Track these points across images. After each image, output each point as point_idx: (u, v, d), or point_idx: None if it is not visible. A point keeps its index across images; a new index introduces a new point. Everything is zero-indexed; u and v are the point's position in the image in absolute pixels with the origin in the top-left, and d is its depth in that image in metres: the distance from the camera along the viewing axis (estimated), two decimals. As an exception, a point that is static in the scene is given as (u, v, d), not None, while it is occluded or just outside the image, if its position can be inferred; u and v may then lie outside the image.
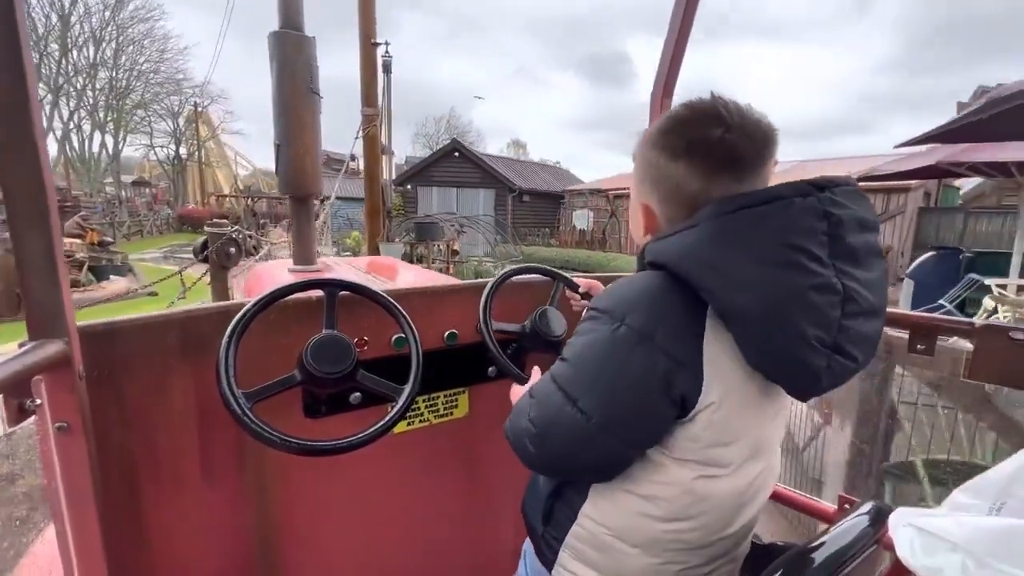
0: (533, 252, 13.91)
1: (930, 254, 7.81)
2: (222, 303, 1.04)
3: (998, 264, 7.00)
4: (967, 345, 1.08)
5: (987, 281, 6.06)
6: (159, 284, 5.80)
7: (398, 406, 0.94)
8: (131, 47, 30.86)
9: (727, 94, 0.67)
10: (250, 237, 8.20)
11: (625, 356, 0.61)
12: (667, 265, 0.63)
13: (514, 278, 1.24)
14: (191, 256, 5.44)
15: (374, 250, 7.27)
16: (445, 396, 1.29)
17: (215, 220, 5.26)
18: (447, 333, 1.23)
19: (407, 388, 0.97)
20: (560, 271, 1.30)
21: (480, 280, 1.28)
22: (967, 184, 14.79)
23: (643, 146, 0.72)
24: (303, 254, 1.86)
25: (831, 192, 0.61)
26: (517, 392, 0.98)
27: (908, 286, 7.54)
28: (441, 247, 9.54)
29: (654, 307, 0.62)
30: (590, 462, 0.67)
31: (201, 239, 4.78)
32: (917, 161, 7.28)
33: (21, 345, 0.69)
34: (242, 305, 0.90)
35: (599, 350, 0.64)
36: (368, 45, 7.22)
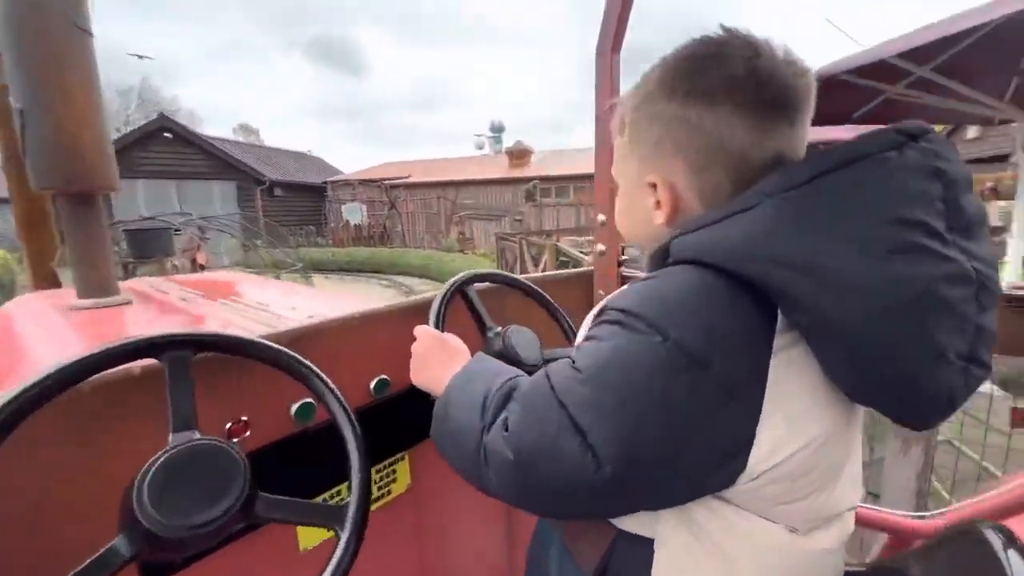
0: (304, 255, 11.50)
1: None
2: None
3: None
4: None
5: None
6: None
7: (345, 534, 0.59)
8: None
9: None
10: None
11: (668, 384, 0.43)
12: (721, 264, 0.45)
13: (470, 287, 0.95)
14: None
15: (45, 280, 4.20)
16: (377, 472, 0.94)
17: None
18: (375, 382, 0.89)
19: (353, 494, 0.61)
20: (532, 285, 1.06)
21: (419, 298, 0.97)
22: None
23: (649, 101, 0.54)
24: (94, 279, 1.31)
25: (929, 142, 0.44)
26: (434, 346, 0.72)
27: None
28: (178, 263, 6.60)
29: (711, 321, 0.44)
30: (588, 511, 0.52)
31: None
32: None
33: None
34: None
35: (631, 369, 0.44)
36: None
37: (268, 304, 1.37)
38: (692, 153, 0.52)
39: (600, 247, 1.27)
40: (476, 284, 0.97)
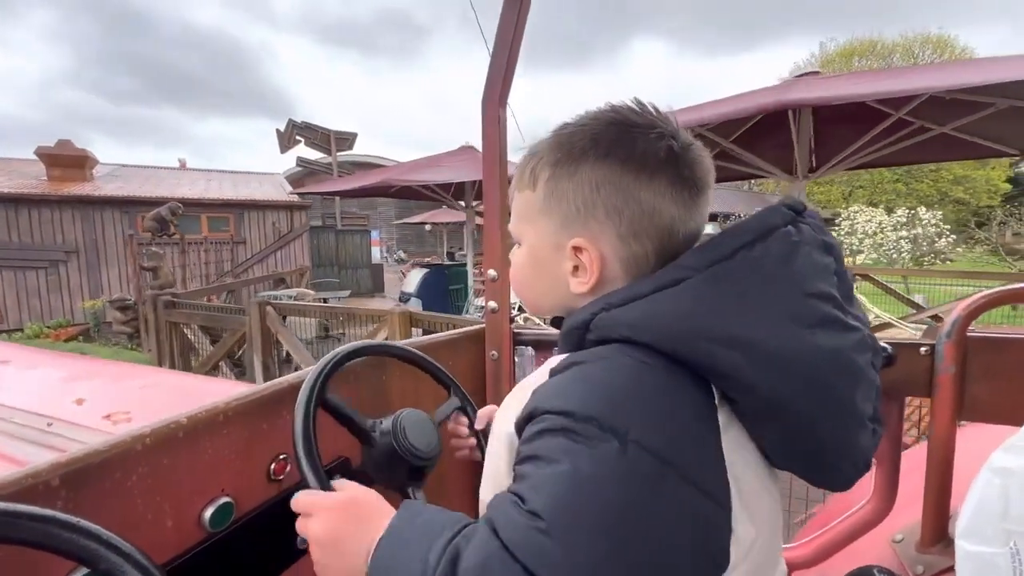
0: None
1: (425, 271, 8.13)
2: None
3: (462, 273, 8.24)
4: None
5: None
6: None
7: None
8: None
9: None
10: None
11: (646, 505, 0.36)
12: (656, 344, 0.42)
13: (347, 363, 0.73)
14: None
15: None
16: None
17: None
18: (211, 511, 0.62)
19: None
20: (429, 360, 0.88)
21: (267, 385, 0.74)
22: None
23: (574, 160, 0.51)
24: None
25: (812, 217, 0.50)
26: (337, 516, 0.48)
27: (417, 304, 7.51)
28: None
29: (663, 409, 0.40)
30: None
31: None
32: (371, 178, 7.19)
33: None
34: None
35: (600, 498, 0.36)
36: None
37: (31, 401, 1.09)
38: (624, 221, 0.49)
39: (492, 304, 1.12)
40: (339, 369, 0.71)
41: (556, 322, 0.57)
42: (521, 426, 0.44)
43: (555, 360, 0.49)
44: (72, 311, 9.31)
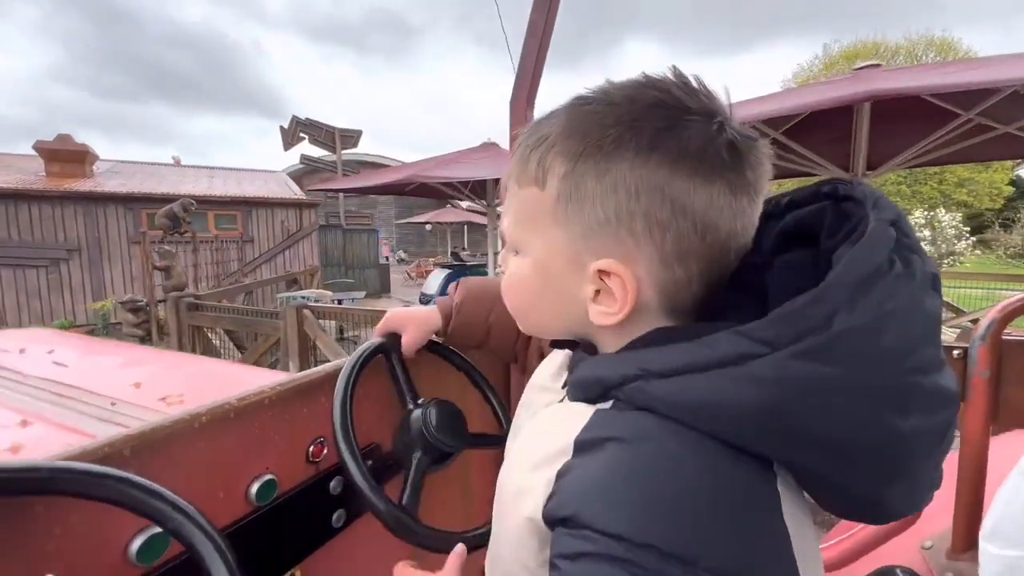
0: None
1: (447, 272, 7.90)
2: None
3: (482, 273, 8.00)
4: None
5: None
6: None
7: None
8: None
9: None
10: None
11: None
12: (722, 436, 0.34)
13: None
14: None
15: None
16: None
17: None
18: (257, 486, 0.68)
19: None
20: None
21: (317, 371, 0.80)
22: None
23: (605, 154, 0.38)
24: None
25: (909, 230, 0.37)
26: None
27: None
28: None
29: (734, 518, 0.33)
30: None
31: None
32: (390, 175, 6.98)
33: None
34: None
35: None
36: None
37: (94, 383, 1.21)
38: (670, 239, 0.38)
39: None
40: (373, 359, 0.80)
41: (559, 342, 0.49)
42: (551, 520, 0.36)
43: (576, 419, 0.39)
44: (74, 311, 8.96)
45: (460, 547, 0.61)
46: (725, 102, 0.39)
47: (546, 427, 0.44)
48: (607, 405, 0.39)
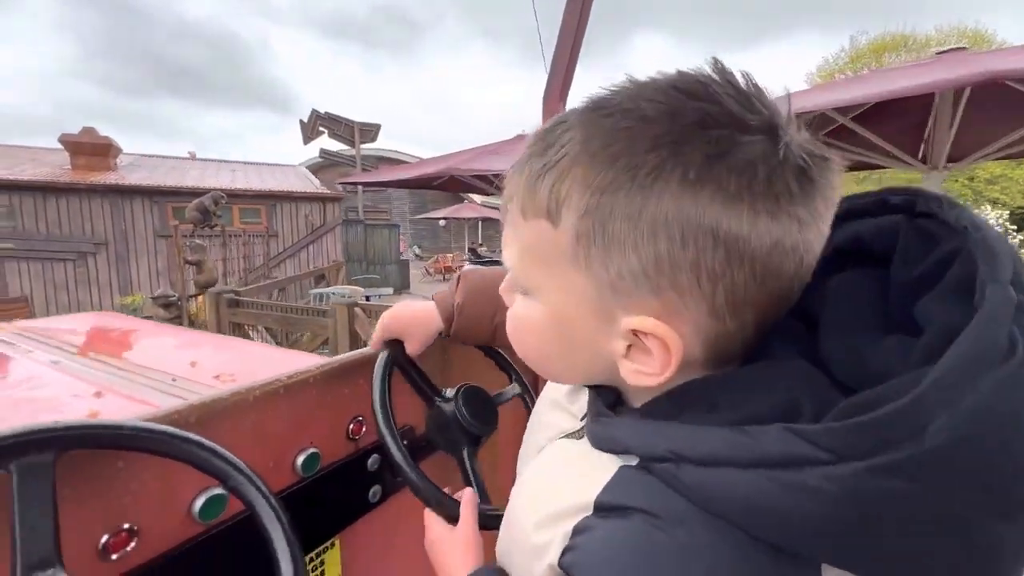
0: None
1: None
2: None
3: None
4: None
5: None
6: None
7: None
8: None
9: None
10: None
11: None
12: (771, 541, 0.29)
13: None
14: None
15: None
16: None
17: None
18: (303, 458, 0.74)
19: None
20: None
21: (354, 354, 0.85)
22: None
23: (639, 185, 0.30)
24: None
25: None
26: (445, 543, 0.60)
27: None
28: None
29: None
30: None
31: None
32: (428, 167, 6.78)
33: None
34: None
35: None
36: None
37: (155, 361, 1.33)
38: (722, 290, 0.31)
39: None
40: None
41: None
42: (566, 572, 0.34)
43: (597, 474, 0.35)
44: (100, 306, 8.91)
45: (469, 491, 0.64)
46: (785, 109, 0.31)
47: (562, 472, 0.41)
48: (633, 462, 0.34)
